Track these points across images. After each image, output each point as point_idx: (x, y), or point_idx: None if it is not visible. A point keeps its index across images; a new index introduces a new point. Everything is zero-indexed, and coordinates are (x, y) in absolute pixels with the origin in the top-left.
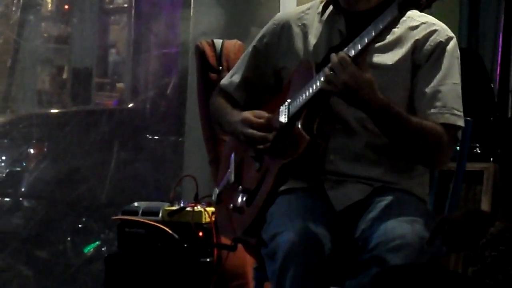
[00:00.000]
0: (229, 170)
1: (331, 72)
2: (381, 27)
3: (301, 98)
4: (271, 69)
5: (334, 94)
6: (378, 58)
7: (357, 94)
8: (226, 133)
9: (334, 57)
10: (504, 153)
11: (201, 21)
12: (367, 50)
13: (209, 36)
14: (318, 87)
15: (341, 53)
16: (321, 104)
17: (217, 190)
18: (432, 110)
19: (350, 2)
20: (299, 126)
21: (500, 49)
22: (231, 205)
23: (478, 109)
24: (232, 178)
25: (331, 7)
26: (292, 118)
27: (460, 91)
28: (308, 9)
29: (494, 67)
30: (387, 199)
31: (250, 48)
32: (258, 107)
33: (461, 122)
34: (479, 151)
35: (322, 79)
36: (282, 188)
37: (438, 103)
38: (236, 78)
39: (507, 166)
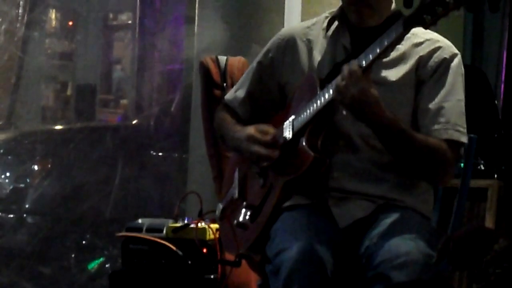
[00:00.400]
0: (232, 185)
1: (343, 82)
2: (386, 43)
3: (305, 114)
4: (276, 84)
5: (343, 105)
6: (382, 74)
7: (364, 110)
8: (229, 148)
9: (345, 69)
10: (508, 170)
11: (205, 37)
12: (372, 66)
13: (213, 53)
14: (324, 102)
15: (353, 66)
16: (325, 120)
17: (220, 206)
18: (436, 126)
19: (361, 18)
20: (304, 142)
21: (504, 66)
22: (235, 221)
23: (482, 126)
24: (236, 194)
25: (336, 23)
26: (296, 134)
27: (463, 107)
28: (313, 24)
29: (498, 84)
30: (391, 216)
31: (255, 63)
32: (261, 122)
33: (464, 139)
34: (483, 168)
35: (326, 96)
36: (286, 204)
37: (442, 119)
38: (241, 93)
39: (511, 183)
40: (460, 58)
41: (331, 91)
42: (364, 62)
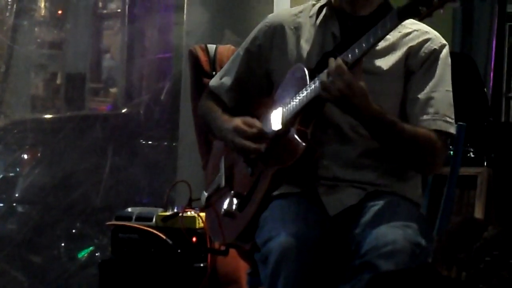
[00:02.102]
0: (219, 174)
1: (329, 78)
2: (379, 34)
3: (294, 104)
4: (264, 72)
5: (329, 101)
6: (372, 64)
7: (351, 102)
8: (215, 137)
9: (331, 63)
10: (498, 157)
11: (194, 25)
12: (364, 57)
13: (203, 41)
14: (313, 93)
15: (339, 61)
16: (315, 110)
17: (205, 194)
18: (425, 117)
19: (354, 7)
20: (294, 132)
21: (493, 54)
22: (222, 210)
23: (471, 113)
24: (223, 182)
25: (324, 11)
26: (286, 124)
27: (451, 98)
28: (300, 12)
29: (488, 71)
30: (380, 203)
31: (241, 51)
32: (248, 110)
33: (452, 130)
34: (472, 156)
35: (317, 84)
36: (276, 193)
37: (431, 110)
38: (228, 81)
39: (500, 170)
40: (448, 49)
41: None
42: (357, 52)
